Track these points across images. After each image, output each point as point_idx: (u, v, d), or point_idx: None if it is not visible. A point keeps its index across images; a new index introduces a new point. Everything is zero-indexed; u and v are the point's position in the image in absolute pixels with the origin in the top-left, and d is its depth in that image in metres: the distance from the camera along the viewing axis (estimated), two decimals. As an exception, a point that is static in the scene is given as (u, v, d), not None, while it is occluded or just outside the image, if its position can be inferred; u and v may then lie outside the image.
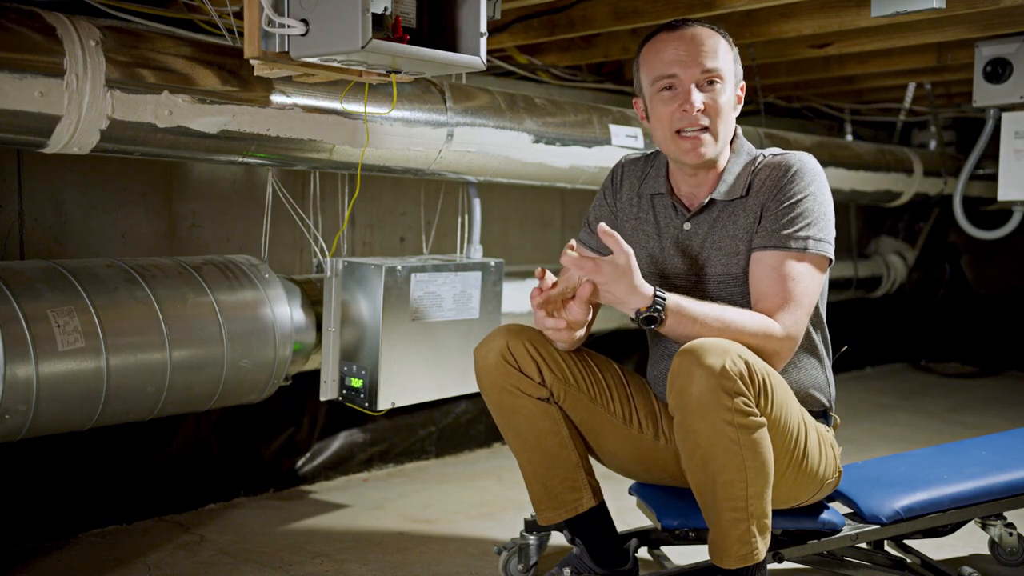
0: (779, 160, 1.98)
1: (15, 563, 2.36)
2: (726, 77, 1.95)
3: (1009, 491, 2.20)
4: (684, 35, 1.95)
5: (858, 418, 4.15)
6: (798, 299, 1.88)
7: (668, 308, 1.79)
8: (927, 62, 3.73)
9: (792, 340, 1.88)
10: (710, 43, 1.94)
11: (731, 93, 1.96)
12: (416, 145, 2.57)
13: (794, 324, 1.88)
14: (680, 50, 1.94)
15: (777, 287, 1.89)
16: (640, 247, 2.11)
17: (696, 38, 1.94)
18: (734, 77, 1.98)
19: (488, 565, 2.40)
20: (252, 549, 2.50)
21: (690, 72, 1.93)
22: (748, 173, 2.00)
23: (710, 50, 1.93)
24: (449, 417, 3.49)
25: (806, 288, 1.90)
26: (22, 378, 1.99)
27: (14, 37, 1.87)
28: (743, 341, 1.80)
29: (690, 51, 1.93)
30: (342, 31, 1.87)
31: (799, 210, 1.91)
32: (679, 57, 1.93)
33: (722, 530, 1.82)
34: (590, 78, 3.83)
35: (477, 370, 2.05)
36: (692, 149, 1.95)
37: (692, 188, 2.05)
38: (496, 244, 3.68)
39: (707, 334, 1.80)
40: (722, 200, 2.00)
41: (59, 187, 2.57)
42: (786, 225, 1.91)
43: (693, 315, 1.81)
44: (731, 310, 1.86)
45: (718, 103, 1.94)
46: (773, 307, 1.88)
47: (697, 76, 1.93)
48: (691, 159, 1.96)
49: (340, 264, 2.60)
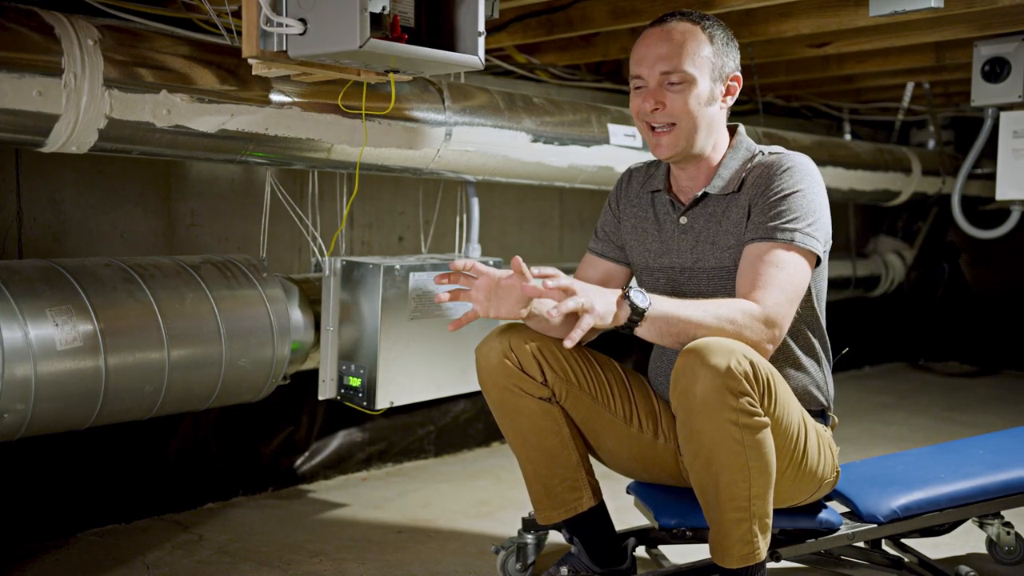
0: (773, 158, 1.98)
1: (15, 562, 2.36)
2: (694, 77, 1.92)
3: (1006, 490, 2.20)
4: (657, 32, 1.96)
5: (856, 417, 4.15)
6: (779, 284, 1.84)
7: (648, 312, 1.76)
8: (925, 61, 3.74)
9: (771, 322, 1.82)
10: (678, 41, 1.93)
11: (703, 91, 1.93)
12: (414, 144, 2.57)
13: (774, 306, 1.82)
14: (648, 48, 1.95)
15: (758, 272, 1.86)
16: (639, 243, 2.13)
17: (666, 36, 1.94)
18: (711, 73, 1.95)
19: (486, 564, 2.40)
20: (251, 548, 2.50)
21: (651, 72, 1.95)
22: (744, 169, 2.00)
23: (674, 50, 1.92)
24: (448, 416, 3.49)
25: (790, 276, 1.86)
26: (20, 377, 1.99)
27: (12, 36, 1.87)
28: (720, 330, 1.77)
29: (656, 50, 1.94)
30: (340, 30, 1.87)
31: (788, 204, 1.91)
32: (644, 56, 1.96)
33: (724, 529, 1.82)
34: (589, 77, 3.83)
35: (478, 369, 2.05)
36: (656, 144, 1.98)
37: (687, 182, 2.06)
38: (495, 243, 3.68)
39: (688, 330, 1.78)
40: (716, 194, 2.01)
41: (57, 186, 2.57)
42: (773, 218, 1.90)
43: (667, 318, 1.77)
44: (702, 301, 1.83)
45: (679, 104, 1.93)
46: (751, 290, 1.85)
47: (657, 77, 1.94)
48: (657, 153, 2.00)
49: (338, 263, 2.60)
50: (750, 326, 1.80)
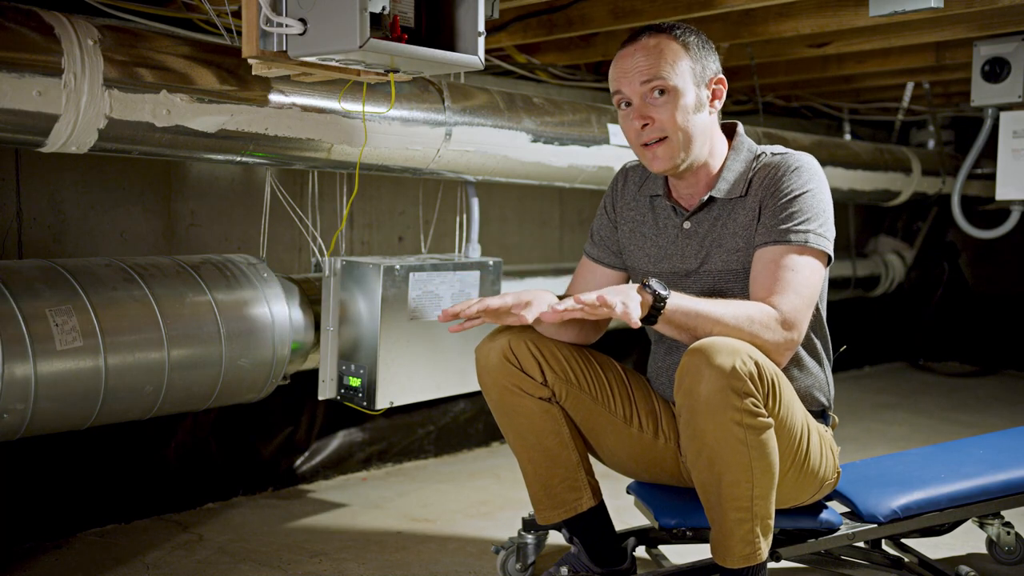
0: (779, 159, 1.98)
1: (14, 562, 2.36)
2: (676, 85, 1.91)
3: (1006, 490, 2.20)
4: (630, 49, 1.95)
5: (857, 417, 4.15)
6: (796, 287, 1.85)
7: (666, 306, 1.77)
8: (925, 61, 3.74)
9: (791, 326, 1.83)
10: (654, 52, 1.92)
11: (689, 100, 1.92)
12: (414, 144, 2.57)
13: (792, 310, 1.83)
14: (625, 65, 1.95)
15: (774, 276, 1.86)
16: (636, 247, 2.12)
17: (641, 49, 1.93)
18: (693, 79, 1.93)
19: (486, 564, 2.40)
20: (250, 548, 2.50)
21: (631, 87, 1.94)
22: (749, 171, 2.00)
23: (651, 61, 1.91)
24: (447, 416, 3.49)
25: (806, 279, 1.87)
26: (20, 377, 1.99)
27: (12, 36, 1.87)
28: (737, 328, 1.78)
29: (633, 64, 1.93)
30: (340, 30, 1.87)
31: (798, 206, 1.91)
32: (623, 73, 1.95)
33: (726, 529, 1.82)
34: (588, 77, 3.83)
35: (479, 369, 2.05)
36: (652, 159, 1.96)
37: (687, 189, 2.05)
38: (494, 243, 3.68)
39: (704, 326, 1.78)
40: (722, 198, 2.00)
41: (57, 186, 2.57)
42: (785, 220, 1.90)
43: (685, 310, 1.78)
44: (722, 301, 1.83)
45: (667, 116, 1.92)
46: (768, 294, 1.85)
47: (640, 90, 1.93)
48: (654, 168, 1.98)
49: (338, 263, 2.60)
50: (769, 327, 1.81)
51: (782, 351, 1.84)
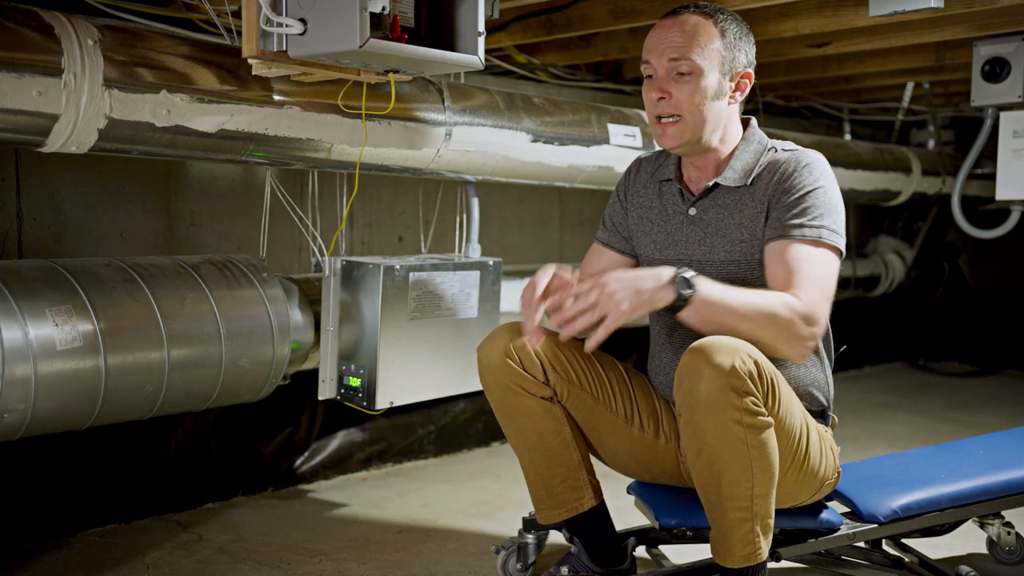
0: (789, 155, 1.98)
1: (14, 562, 2.36)
2: (702, 68, 1.93)
3: (1007, 490, 2.20)
4: (669, 23, 1.97)
5: (857, 417, 4.15)
6: (815, 280, 1.84)
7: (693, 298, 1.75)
8: (925, 61, 3.73)
9: (812, 319, 1.80)
10: (689, 32, 1.94)
11: (711, 84, 1.94)
12: (414, 144, 2.57)
13: (813, 303, 1.81)
14: (659, 37, 1.97)
15: (792, 269, 1.85)
16: (644, 233, 2.13)
17: (678, 26, 1.95)
18: (721, 67, 1.95)
19: (486, 564, 2.40)
20: (250, 548, 2.50)
21: (659, 60, 1.96)
22: (757, 163, 2.00)
23: (684, 40, 1.93)
24: (448, 416, 3.49)
25: (823, 273, 1.86)
26: (20, 377, 1.99)
27: (12, 36, 1.87)
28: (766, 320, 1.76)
29: (666, 39, 1.95)
30: (340, 30, 1.87)
31: (810, 202, 1.91)
32: (655, 44, 1.97)
33: (726, 529, 1.82)
34: (589, 77, 3.83)
35: (480, 368, 2.05)
36: (662, 135, 1.99)
37: (696, 172, 2.06)
38: (495, 243, 3.68)
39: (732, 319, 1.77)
40: (727, 186, 2.01)
41: (57, 186, 2.57)
42: (798, 215, 1.90)
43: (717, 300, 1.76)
44: (750, 291, 1.81)
45: (685, 95, 1.94)
46: (787, 287, 1.84)
47: (666, 65, 1.95)
48: (662, 143, 2.01)
49: (339, 263, 2.60)
50: (793, 321, 1.79)
51: (804, 344, 1.82)
